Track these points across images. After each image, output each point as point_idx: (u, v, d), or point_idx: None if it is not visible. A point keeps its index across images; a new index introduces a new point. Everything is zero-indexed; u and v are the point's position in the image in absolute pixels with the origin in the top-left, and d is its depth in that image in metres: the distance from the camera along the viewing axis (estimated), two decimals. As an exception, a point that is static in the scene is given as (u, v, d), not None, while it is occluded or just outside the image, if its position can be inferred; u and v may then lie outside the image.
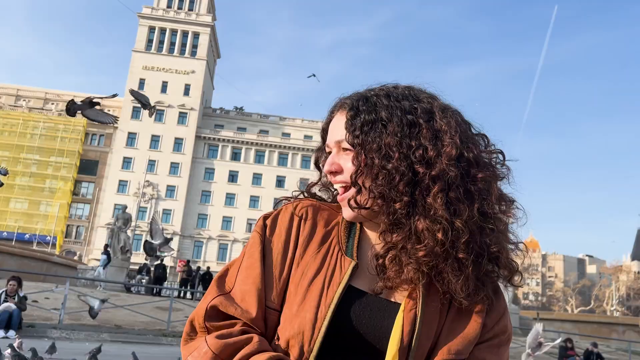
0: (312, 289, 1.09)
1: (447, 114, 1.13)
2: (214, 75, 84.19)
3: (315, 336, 1.04)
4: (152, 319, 15.71)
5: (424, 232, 1.05)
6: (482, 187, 1.09)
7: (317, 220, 1.18)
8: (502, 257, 1.10)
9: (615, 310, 76.90)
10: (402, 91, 1.16)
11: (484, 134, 1.19)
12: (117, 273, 26.19)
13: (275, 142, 73.75)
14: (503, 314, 1.17)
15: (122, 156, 70.59)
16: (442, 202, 1.05)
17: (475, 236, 1.07)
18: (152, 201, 69.13)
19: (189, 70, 73.97)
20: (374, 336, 1.07)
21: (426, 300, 1.08)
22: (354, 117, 1.13)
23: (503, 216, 1.12)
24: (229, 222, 71.02)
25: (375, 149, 1.09)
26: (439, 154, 1.07)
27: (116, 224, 27.64)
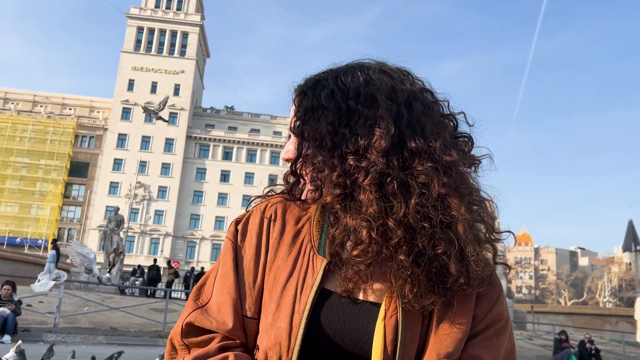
0: (285, 294, 1.02)
1: (395, 98, 1.03)
2: (203, 74, 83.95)
3: (292, 345, 0.99)
4: (148, 320, 15.66)
5: (355, 230, 0.98)
6: (423, 180, 0.98)
7: (287, 218, 1.11)
8: (452, 258, 0.97)
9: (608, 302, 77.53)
10: (356, 71, 1.08)
11: (454, 116, 1.09)
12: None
13: (267, 141, 73.63)
14: (496, 301, 1.07)
15: (113, 157, 70.22)
16: (373, 197, 0.97)
17: (415, 235, 0.97)
18: (144, 202, 68.87)
19: (178, 70, 73.68)
20: (351, 340, 0.99)
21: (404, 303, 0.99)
22: (300, 103, 1.09)
23: (454, 212, 0.98)
24: (222, 222, 70.82)
25: (313, 138, 1.04)
26: (371, 145, 0.99)
27: (109, 226, 27.52)
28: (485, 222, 1.06)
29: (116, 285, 23.98)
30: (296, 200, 1.11)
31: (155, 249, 67.49)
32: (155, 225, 68.80)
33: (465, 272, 0.99)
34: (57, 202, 68.90)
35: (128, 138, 70.83)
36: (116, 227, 27.38)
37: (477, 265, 1.00)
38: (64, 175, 69.77)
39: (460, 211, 0.99)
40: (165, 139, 71.03)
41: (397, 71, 1.10)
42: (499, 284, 1.10)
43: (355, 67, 1.10)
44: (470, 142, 1.09)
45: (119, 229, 27.70)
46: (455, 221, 0.99)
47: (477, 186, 1.07)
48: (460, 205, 0.99)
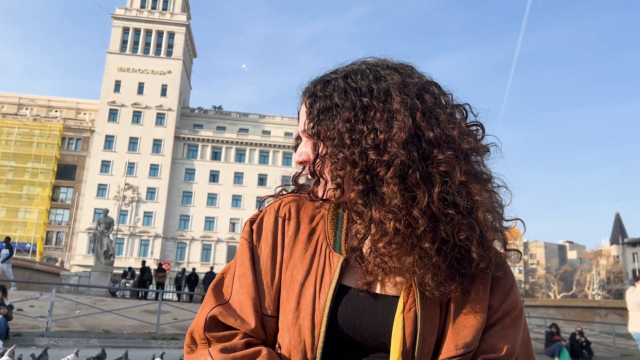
0: (305, 292, 1.04)
1: (407, 91, 1.04)
2: (190, 74, 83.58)
3: (316, 343, 1.01)
4: (141, 322, 15.57)
5: (381, 222, 0.99)
6: (444, 169, 1.00)
7: (301, 217, 1.13)
8: (474, 243, 1.00)
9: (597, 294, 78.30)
10: (364, 69, 1.09)
11: (463, 106, 1.10)
12: (101, 277, 25.94)
13: (256, 141, 73.45)
14: (510, 290, 1.09)
15: (101, 159, 69.73)
16: (397, 190, 0.98)
17: (438, 223, 0.98)
18: (133, 204, 68.48)
19: (165, 71, 73.29)
20: (370, 334, 1.02)
21: (424, 295, 1.02)
22: (312, 105, 1.09)
23: (477, 197, 1.01)
24: (212, 222, 70.63)
25: (330, 137, 1.04)
26: (390, 138, 0.99)
27: (98, 228, 27.35)
28: (495, 210, 1.07)
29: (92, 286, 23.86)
30: (318, 200, 1.10)
31: (145, 251, 67.13)
32: (144, 226, 68.42)
33: (486, 256, 1.02)
34: (44, 206, 68.31)
35: (115, 139, 70.35)
36: (106, 230, 27.23)
37: (496, 250, 1.04)
38: (51, 178, 69.20)
39: (482, 196, 1.01)
40: (153, 139, 70.65)
41: (402, 66, 1.10)
42: (511, 274, 1.12)
43: (362, 66, 1.10)
44: (482, 130, 1.10)
45: (108, 231, 27.55)
46: (477, 207, 1.01)
47: (490, 173, 1.08)
48: (481, 191, 1.02)
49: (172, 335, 15.09)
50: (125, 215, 66.83)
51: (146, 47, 74.28)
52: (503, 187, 1.09)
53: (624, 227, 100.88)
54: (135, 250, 67.19)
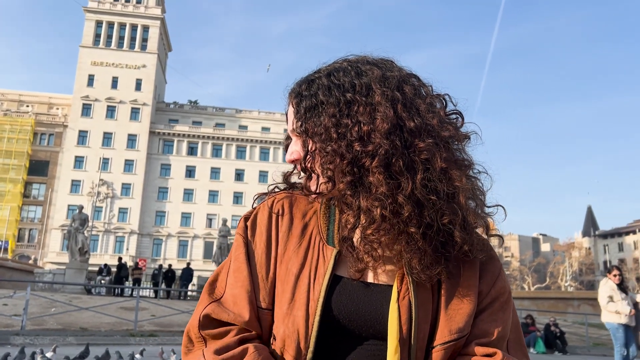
0: (299, 284, 1.07)
1: (388, 84, 1.09)
2: (165, 68, 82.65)
3: (310, 332, 1.04)
4: (118, 319, 15.42)
5: (368, 210, 1.04)
6: (426, 156, 1.04)
7: (294, 213, 1.16)
8: (457, 226, 1.04)
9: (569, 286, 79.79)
10: (346, 66, 1.13)
11: (442, 96, 1.14)
12: (77, 275, 25.62)
13: (233, 135, 73.04)
14: (498, 275, 1.14)
15: (74, 155, 68.60)
16: (382, 178, 1.02)
17: (422, 209, 1.03)
18: (108, 200, 67.60)
19: (139, 65, 72.36)
20: (365, 322, 1.05)
21: (417, 282, 1.05)
22: (299, 104, 1.13)
23: (457, 183, 1.05)
24: (188, 218, 70.10)
25: (318, 133, 1.09)
26: (374, 129, 1.04)
27: (72, 225, 26.98)
28: (476, 196, 1.11)
29: (68, 283, 23.55)
30: (312, 194, 1.14)
31: (120, 247, 66.38)
32: (119, 223, 67.62)
33: (469, 239, 1.06)
34: (16, 202, 67.01)
35: (89, 135, 69.29)
36: (80, 226, 26.88)
37: (477, 233, 1.09)
38: (23, 174, 67.87)
39: (462, 182, 1.06)
40: (127, 135, 69.76)
41: (382, 61, 1.15)
42: (498, 260, 1.17)
43: (343, 63, 1.15)
44: (461, 118, 1.15)
45: (83, 227, 27.20)
46: (458, 192, 1.05)
47: (471, 159, 1.13)
48: (461, 177, 1.06)
49: (151, 332, 14.98)
50: (99, 211, 65.92)
51: (120, 41, 73.22)
52: (484, 172, 1.14)
53: (596, 219, 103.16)
54: (110, 247, 66.38)
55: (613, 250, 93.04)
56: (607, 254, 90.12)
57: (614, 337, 9.50)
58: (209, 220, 69.89)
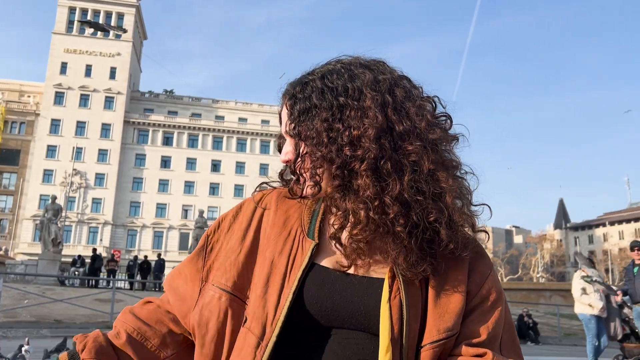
0: (275, 272, 1.09)
1: (379, 88, 1.11)
2: (140, 57, 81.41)
3: (277, 316, 1.05)
4: (93, 311, 15.26)
5: (354, 211, 1.07)
6: (414, 159, 1.07)
7: (279, 206, 1.19)
8: (443, 225, 1.07)
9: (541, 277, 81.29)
10: (339, 69, 1.15)
11: (432, 99, 1.17)
12: (50, 266, 25.23)
13: (209, 126, 72.39)
14: (488, 275, 1.15)
15: (46, 144, 67.30)
16: (369, 181, 1.05)
17: (409, 209, 1.06)
18: (81, 190, 66.56)
19: (114, 53, 71.14)
20: (345, 312, 1.06)
21: (407, 282, 1.07)
22: (293, 107, 1.15)
23: (443, 184, 1.08)
24: (164, 209, 69.42)
25: (310, 137, 1.11)
26: (363, 134, 1.06)
27: (45, 215, 26.56)
28: (463, 195, 1.14)
29: (41, 275, 23.18)
30: (297, 197, 1.18)
31: (94, 238, 65.51)
32: (93, 213, 66.67)
33: (454, 237, 1.08)
34: (-14, 192, 65.59)
35: (62, 123, 68.00)
36: (53, 217, 26.45)
37: (463, 231, 1.11)
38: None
39: (448, 182, 1.09)
40: (101, 124, 68.65)
41: (374, 63, 1.17)
42: (488, 259, 1.18)
43: (337, 65, 1.17)
44: (449, 121, 1.17)
45: (56, 218, 26.77)
46: (445, 192, 1.08)
47: (458, 160, 1.16)
48: (448, 178, 1.09)
49: (127, 323, 14.86)
50: (72, 201, 64.89)
51: (94, 28, 71.83)
52: (470, 173, 1.17)
53: (567, 212, 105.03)
54: (83, 238, 65.46)
55: (583, 242, 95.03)
56: (578, 246, 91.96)
57: (587, 327, 9.71)
58: (185, 211, 69.33)
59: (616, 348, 10.44)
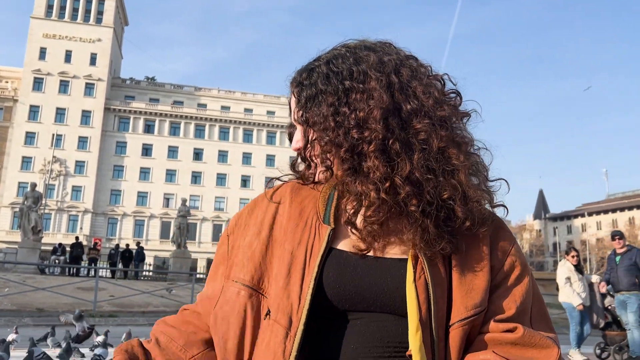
0: (295, 262, 1.09)
1: (384, 69, 1.11)
2: (122, 43, 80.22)
3: (302, 304, 1.05)
4: (76, 299, 15.10)
5: (365, 194, 1.06)
6: (423, 137, 1.07)
7: (294, 198, 1.19)
8: (457, 202, 1.06)
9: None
10: (344, 53, 1.16)
11: (441, 76, 1.16)
12: (30, 254, 24.88)
13: (191, 114, 71.67)
14: (509, 250, 1.14)
15: (25, 131, 66.12)
16: (378, 162, 1.05)
17: (422, 187, 1.05)
18: (61, 178, 65.65)
19: (94, 39, 69.96)
20: (368, 294, 1.06)
21: (431, 261, 1.06)
22: (300, 94, 1.16)
23: (454, 161, 1.08)
24: (145, 197, 68.80)
25: (317, 122, 1.11)
26: (369, 115, 1.07)
27: (25, 203, 26.12)
28: (479, 171, 1.14)
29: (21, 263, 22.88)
30: (310, 183, 1.18)
31: (74, 226, 64.75)
32: (73, 201, 65.84)
33: (470, 213, 1.07)
34: (-38, 179, 64.41)
35: (41, 110, 66.85)
36: (33, 205, 26.05)
37: (479, 207, 1.09)
38: (-31, 149, 65.16)
39: (460, 159, 1.08)
40: (81, 111, 67.60)
41: (380, 45, 1.17)
42: (510, 234, 1.17)
43: (342, 50, 1.17)
44: (459, 97, 1.16)
45: (36, 206, 26.36)
46: (457, 169, 1.07)
47: (470, 137, 1.15)
48: (459, 154, 1.08)
49: (110, 312, 14.74)
50: (52, 189, 64.00)
51: (74, 13, 70.50)
52: (484, 149, 1.16)
53: (547, 203, 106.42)
54: (63, 226, 64.69)
55: (562, 232, 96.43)
56: (557, 236, 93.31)
57: (570, 316, 9.85)
58: (166, 199, 68.81)
59: (598, 336, 10.62)
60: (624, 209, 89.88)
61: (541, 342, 1.05)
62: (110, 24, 71.19)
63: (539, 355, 1.04)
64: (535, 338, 1.05)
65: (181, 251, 28.19)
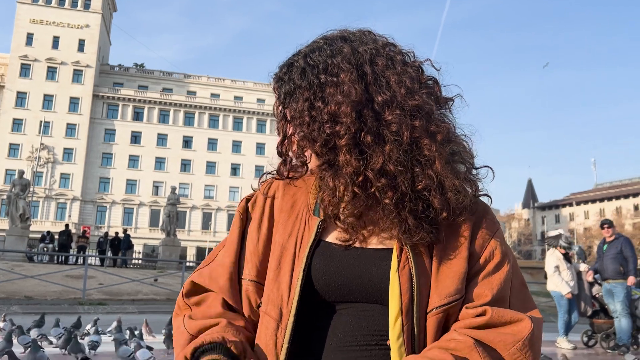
0: (285, 253, 1.11)
1: (356, 61, 1.09)
2: (110, 29, 79.23)
3: (291, 296, 1.07)
4: (65, 287, 15.03)
5: (339, 187, 1.07)
6: (395, 128, 1.05)
7: (286, 192, 1.20)
8: (433, 192, 1.06)
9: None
10: (322, 45, 1.14)
11: (418, 63, 1.14)
12: (18, 242, 24.66)
13: (181, 101, 71.14)
14: (492, 237, 1.12)
15: (12, 117, 65.34)
16: (349, 157, 1.05)
17: (395, 179, 1.05)
18: (49, 165, 65.07)
19: (82, 24, 69.05)
20: (353, 284, 1.06)
21: (415, 250, 1.06)
22: (279, 90, 1.16)
23: (426, 152, 1.06)
24: (134, 185, 68.38)
25: (294, 117, 1.12)
26: (341, 109, 1.06)
27: (13, 190, 25.84)
28: (463, 159, 1.13)
29: (8, 250, 22.71)
30: (284, 178, 1.20)
31: (62, 214, 64.30)
32: (61, 189, 65.32)
33: (447, 203, 1.07)
34: (-52, 166, 63.63)
35: (28, 96, 66.05)
36: (21, 192, 25.76)
37: (457, 196, 1.07)
38: (-45, 136, 64.32)
39: (432, 149, 1.06)
40: (69, 97, 66.86)
41: (358, 34, 1.15)
42: (493, 221, 1.15)
43: (320, 42, 1.16)
44: (437, 84, 1.14)
45: (24, 193, 26.08)
46: (432, 159, 1.06)
47: (449, 124, 1.12)
48: (432, 144, 1.06)
49: (100, 300, 14.68)
50: (40, 176, 63.43)
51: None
52: (463, 135, 1.14)
53: (535, 192, 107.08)
54: (51, 214, 64.22)
55: (550, 221, 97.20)
56: (545, 225, 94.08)
57: (559, 304, 9.93)
58: (156, 187, 68.45)
59: (586, 324, 10.71)
60: (611, 199, 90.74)
61: (513, 318, 1.03)
62: (99, 10, 70.27)
63: (511, 331, 1.02)
64: (505, 316, 1.03)
65: (170, 239, 28.08)
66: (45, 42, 67.20)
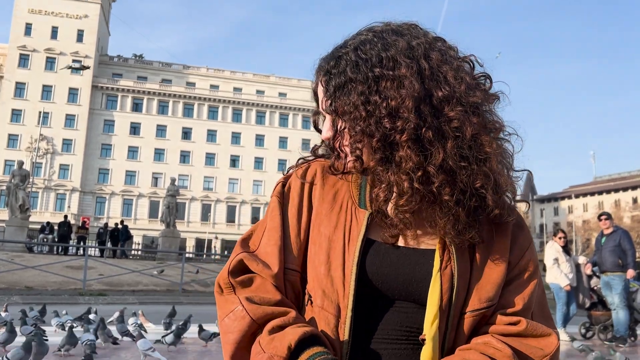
0: (334, 246, 1.10)
1: (413, 54, 1.08)
2: (109, 20, 78.90)
3: (347, 291, 1.07)
4: (65, 278, 15.07)
5: (397, 183, 1.06)
6: (456, 125, 1.05)
7: (326, 180, 1.19)
8: (489, 190, 1.06)
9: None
10: (372, 38, 1.11)
11: (469, 58, 1.13)
12: (17, 232, 24.71)
13: (180, 92, 71.02)
14: (527, 248, 1.15)
15: (11, 108, 65.28)
16: (410, 152, 1.04)
17: (455, 176, 1.05)
18: (48, 156, 65.05)
19: (81, 15, 68.81)
20: (398, 284, 1.08)
21: (458, 251, 1.08)
22: (328, 83, 1.13)
23: (487, 149, 1.06)
24: (133, 176, 68.39)
25: (347, 112, 1.09)
26: (401, 104, 1.04)
27: (12, 181, 25.84)
28: (505, 160, 1.12)
29: (8, 241, 22.75)
30: (339, 173, 1.16)
31: (61, 205, 64.35)
32: (60, 180, 65.34)
33: (500, 202, 1.09)
34: (-53, 156, 63.56)
35: (27, 87, 65.95)
36: (21, 183, 25.77)
37: (510, 195, 1.12)
38: (-46, 126, 64.21)
39: (492, 147, 1.06)
40: (68, 88, 66.76)
41: (407, 27, 1.13)
42: (528, 231, 1.18)
43: (369, 34, 1.12)
44: (489, 81, 1.14)
45: (24, 184, 26.10)
46: (489, 157, 1.06)
47: (501, 122, 1.13)
48: (492, 142, 1.07)
49: (100, 291, 14.73)
50: (39, 167, 63.38)
51: (60, -12, 69.25)
52: (514, 134, 1.14)
53: (534, 184, 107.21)
54: (51, 205, 64.26)
55: (549, 214, 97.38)
56: (544, 218, 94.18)
57: (557, 296, 9.99)
58: (155, 179, 68.47)
59: (584, 316, 10.79)
60: (610, 191, 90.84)
61: (543, 332, 1.08)
62: (98, 0, 69.94)
63: (540, 344, 1.07)
64: (538, 330, 1.08)
65: (170, 230, 28.13)
66: (44, 32, 66.99)
